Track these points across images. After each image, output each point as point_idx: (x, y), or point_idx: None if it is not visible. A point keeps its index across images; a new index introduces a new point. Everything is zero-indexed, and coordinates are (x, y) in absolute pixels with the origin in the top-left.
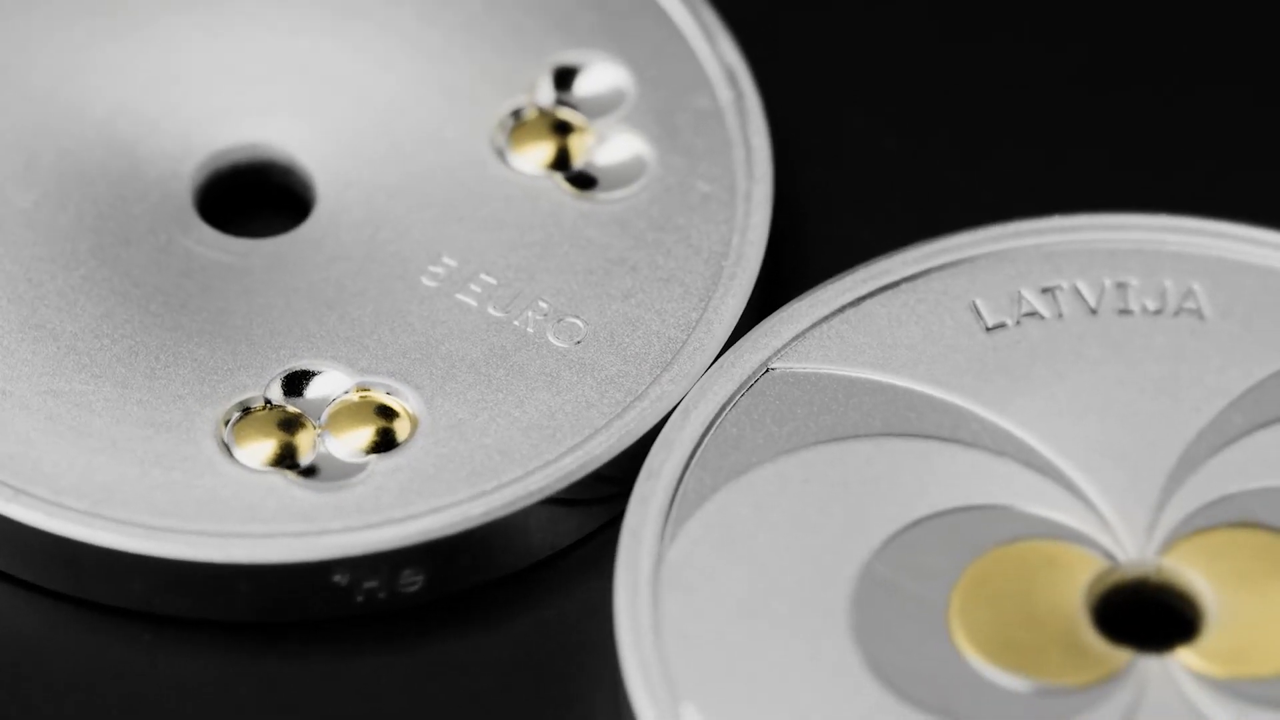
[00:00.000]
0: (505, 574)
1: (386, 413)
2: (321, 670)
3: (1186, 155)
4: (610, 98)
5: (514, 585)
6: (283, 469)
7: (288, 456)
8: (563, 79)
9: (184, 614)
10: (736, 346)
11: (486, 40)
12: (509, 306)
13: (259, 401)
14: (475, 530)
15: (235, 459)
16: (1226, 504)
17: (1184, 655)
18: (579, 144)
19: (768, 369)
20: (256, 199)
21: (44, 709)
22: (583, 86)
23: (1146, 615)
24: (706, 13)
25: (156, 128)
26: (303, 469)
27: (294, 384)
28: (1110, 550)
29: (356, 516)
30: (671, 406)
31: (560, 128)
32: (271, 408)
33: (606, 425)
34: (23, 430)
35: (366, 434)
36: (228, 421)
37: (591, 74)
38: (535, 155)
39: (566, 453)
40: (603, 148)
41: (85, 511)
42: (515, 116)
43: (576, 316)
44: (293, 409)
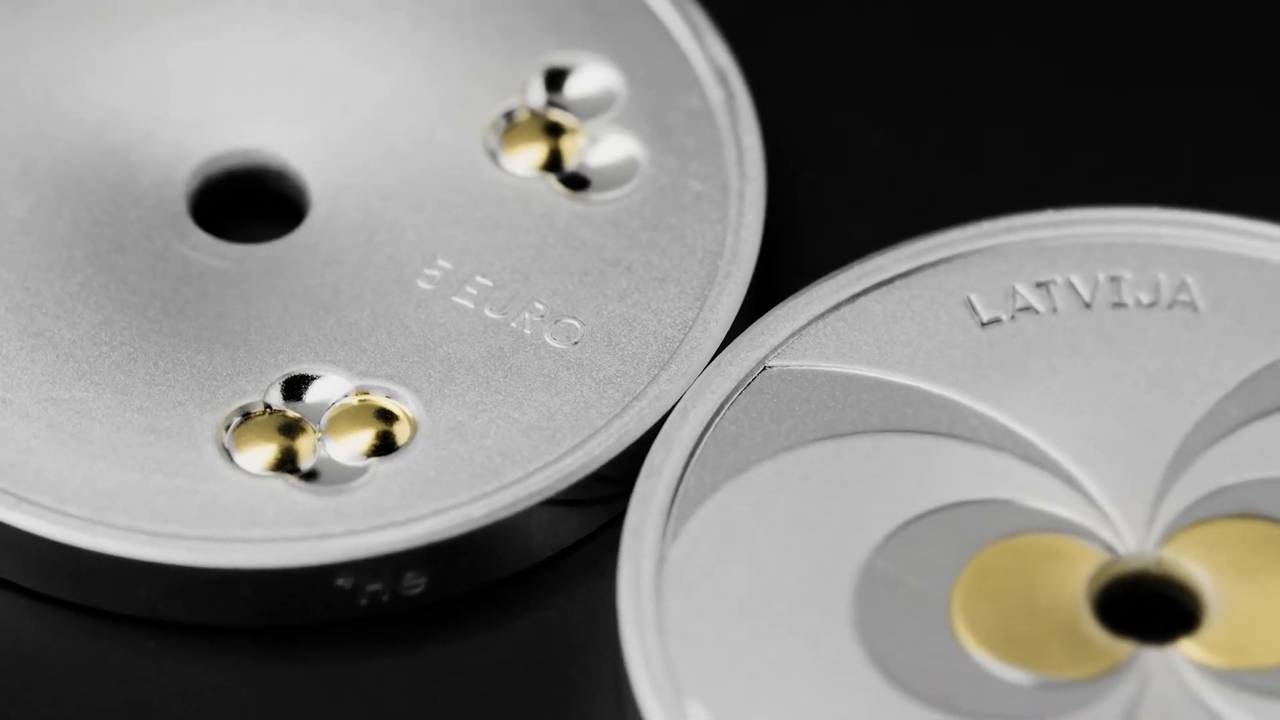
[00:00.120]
0: (506, 575)
1: (386, 416)
2: (325, 674)
3: (1178, 148)
4: (601, 99)
5: (515, 586)
6: (284, 473)
7: (288, 461)
8: (554, 80)
9: (187, 619)
10: (733, 345)
11: (477, 42)
12: (505, 308)
13: (259, 406)
14: (477, 532)
15: (236, 464)
16: (1224, 495)
17: (1186, 647)
18: (571, 145)
19: (765, 367)
20: (251, 204)
21: (48, 716)
22: (574, 88)
23: (1147, 607)
24: (695, 13)
25: (150, 134)
26: (304, 473)
27: (293, 388)
28: (1110, 543)
29: (359, 520)
30: (670, 406)
31: (552, 129)
32: (271, 412)
33: (606, 425)
34: (24, 438)
35: (366, 437)
36: (228, 427)
37: (582, 75)
38: (528, 157)
39: (566, 453)
40: (595, 149)
41: (88, 519)
42: (507, 118)
43: (573, 317)
44: (292, 413)
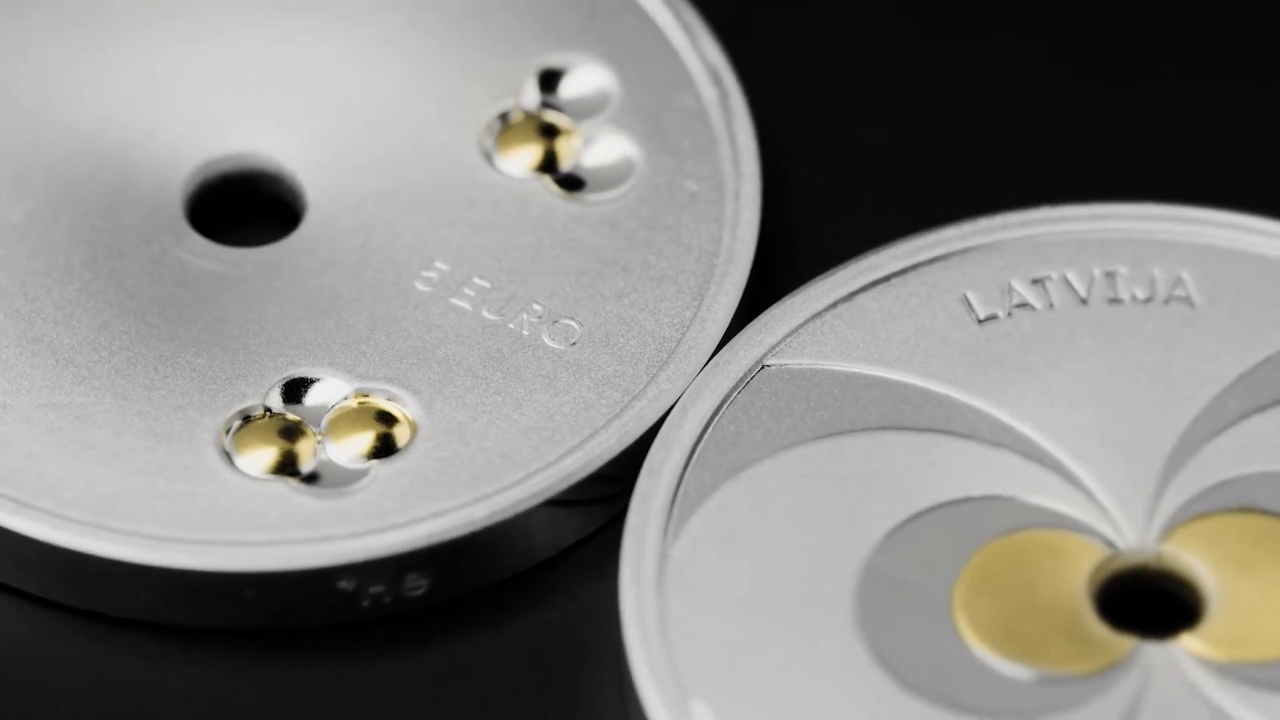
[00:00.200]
0: (508, 576)
1: (386, 418)
2: (327, 676)
3: (1171, 144)
4: (595, 99)
5: (517, 587)
6: (285, 476)
7: (289, 464)
8: (548, 82)
9: (189, 623)
10: (731, 344)
11: (471, 44)
12: (503, 310)
13: (259, 410)
14: (479, 533)
15: (237, 468)
16: (1224, 489)
17: (1187, 641)
18: (566, 146)
19: (763, 365)
20: (247, 208)
21: None
22: (568, 89)
23: (1148, 602)
24: (688, 12)
25: (145, 138)
26: (304, 476)
27: (293, 391)
28: (1110, 538)
29: (360, 522)
30: (669, 405)
31: (547, 130)
32: (271, 415)
33: (605, 425)
34: (25, 444)
35: (366, 440)
36: (228, 430)
37: (576, 76)
38: (523, 158)
39: (566, 454)
40: (590, 149)
41: (90, 523)
42: (502, 120)
43: (571, 318)
44: (293, 416)
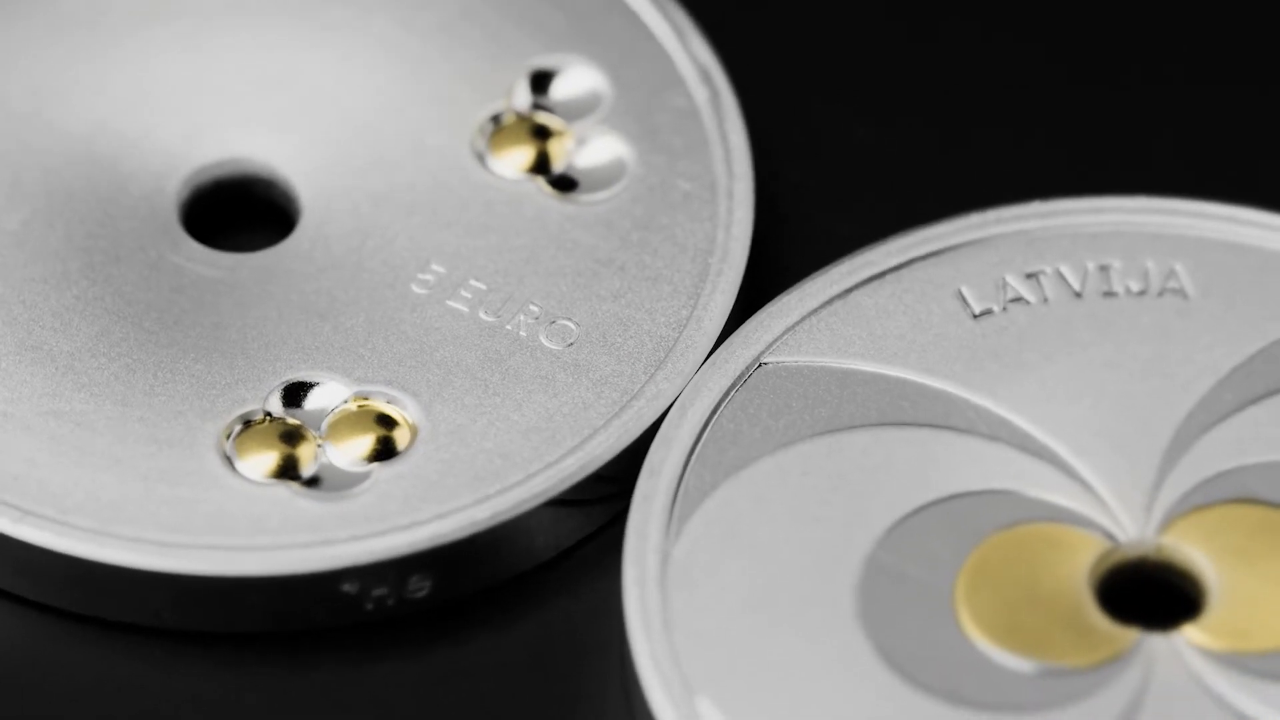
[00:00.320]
0: (510, 576)
1: (386, 421)
2: (332, 679)
3: (1162, 137)
4: (587, 100)
5: (519, 587)
6: (286, 480)
7: (290, 468)
8: (539, 83)
9: (193, 627)
10: (728, 342)
11: (462, 47)
12: (500, 311)
13: (259, 414)
14: (481, 534)
15: (238, 472)
16: (1222, 480)
17: (1189, 632)
18: (559, 147)
19: (760, 363)
20: (242, 213)
21: None
22: (559, 90)
23: (1149, 594)
24: (677, 13)
25: (139, 144)
26: (306, 480)
27: (293, 395)
28: (1110, 531)
29: (363, 525)
30: (667, 405)
31: (539, 132)
32: (272, 420)
33: (604, 425)
34: (27, 452)
35: (367, 443)
36: (229, 435)
37: (567, 77)
38: (516, 160)
39: (567, 454)
40: (582, 150)
41: (93, 530)
42: (494, 121)
43: (568, 318)
44: (293, 420)
